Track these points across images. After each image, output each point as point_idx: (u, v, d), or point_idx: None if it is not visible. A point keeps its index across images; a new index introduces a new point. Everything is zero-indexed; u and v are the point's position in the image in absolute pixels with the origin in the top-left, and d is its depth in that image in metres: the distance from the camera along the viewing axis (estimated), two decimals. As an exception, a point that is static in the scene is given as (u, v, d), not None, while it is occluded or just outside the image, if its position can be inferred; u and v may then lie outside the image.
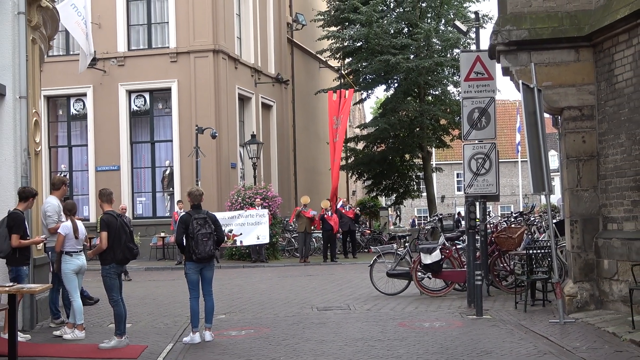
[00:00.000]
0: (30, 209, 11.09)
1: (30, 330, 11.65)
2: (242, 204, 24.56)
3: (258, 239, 23.88)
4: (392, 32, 32.30)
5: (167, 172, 27.68)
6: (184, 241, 10.75)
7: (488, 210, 16.03)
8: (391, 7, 33.85)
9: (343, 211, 27.19)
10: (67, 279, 11.27)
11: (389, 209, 43.84)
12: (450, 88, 33.68)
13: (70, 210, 11.72)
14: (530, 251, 13.81)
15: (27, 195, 10.88)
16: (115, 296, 10.64)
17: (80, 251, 11.48)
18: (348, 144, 35.57)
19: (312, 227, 25.93)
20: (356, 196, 42.57)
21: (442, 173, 46.89)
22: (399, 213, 48.11)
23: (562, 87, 12.45)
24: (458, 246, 15.62)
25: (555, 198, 24.50)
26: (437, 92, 34.00)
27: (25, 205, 10.85)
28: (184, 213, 11.07)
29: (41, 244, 11.83)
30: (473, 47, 16.15)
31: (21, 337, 10.44)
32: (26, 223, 10.91)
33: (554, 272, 12.20)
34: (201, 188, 13.81)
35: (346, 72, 34.92)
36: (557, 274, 12.14)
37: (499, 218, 26.29)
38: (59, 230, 11.28)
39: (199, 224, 10.84)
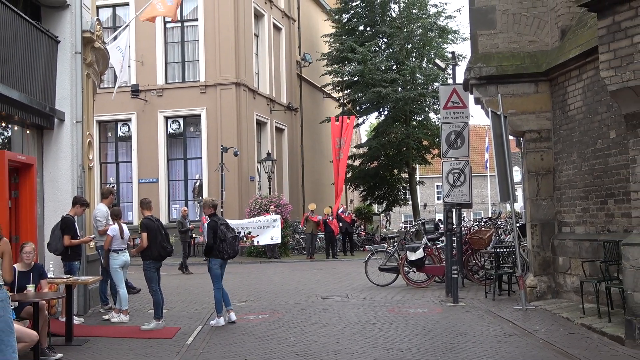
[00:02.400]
0: (80, 214, 11.08)
1: (83, 315, 11.64)
2: (259, 211, 24.57)
3: (272, 239, 23.85)
4: (383, 68, 32.36)
5: (197, 184, 27.69)
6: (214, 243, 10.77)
7: (463, 215, 15.99)
8: (382, 48, 33.86)
9: (342, 216, 27.20)
10: (114, 272, 11.29)
11: (381, 214, 43.78)
12: (432, 115, 33.68)
13: (117, 215, 11.77)
14: (498, 250, 13.80)
15: (75, 202, 10.90)
16: (154, 286, 10.65)
17: (125, 249, 11.51)
18: (347, 161, 35.58)
19: (317, 230, 25.97)
20: (353, 204, 42.50)
21: (424, 185, 46.67)
22: (388, 218, 48.04)
23: (524, 114, 12.44)
24: (438, 245, 15.58)
25: (518, 206, 24.42)
26: (420, 118, 34.00)
27: (75, 211, 10.85)
28: (209, 220, 11.02)
29: (92, 243, 11.83)
30: (450, 81, 16.19)
31: (76, 320, 10.46)
32: (76, 226, 10.93)
33: (517, 267, 12.16)
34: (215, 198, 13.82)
35: (346, 101, 34.96)
36: (520, 269, 12.10)
37: (472, 222, 26.23)
38: (107, 232, 11.31)
39: (226, 228, 10.86)
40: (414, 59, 33.40)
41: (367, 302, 13.10)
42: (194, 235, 23.74)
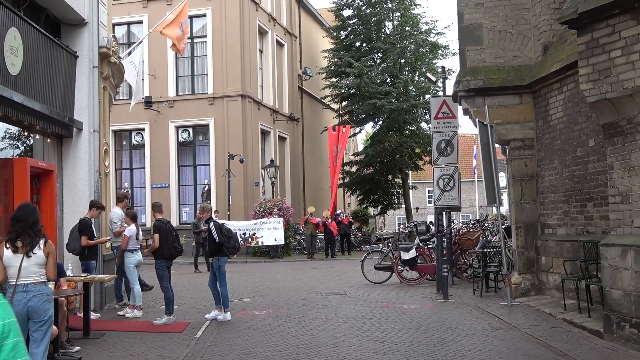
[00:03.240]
0: (96, 217, 11.09)
1: (100, 310, 11.64)
2: (263, 214, 24.56)
3: (275, 240, 23.97)
4: (378, 81, 32.37)
5: (206, 188, 27.67)
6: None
7: (452, 218, 15.99)
8: (377, 62, 33.93)
9: (340, 219, 27.25)
10: (128, 270, 11.29)
11: (376, 217, 43.76)
12: (423, 124, 33.71)
13: (132, 218, 11.76)
14: (485, 250, 13.80)
15: (92, 205, 10.90)
16: (165, 284, 10.64)
17: (138, 249, 11.51)
18: (345, 168, 35.61)
19: (317, 231, 25.97)
20: (350, 207, 42.46)
21: (416, 190, 46.67)
22: (383, 220, 48.01)
23: (509, 124, 12.46)
24: (429, 246, 15.59)
25: (504, 209, 24.44)
26: (413, 128, 34.02)
27: (92, 213, 10.86)
28: (213, 222, 11.03)
29: (108, 244, 11.83)
30: (440, 93, 16.18)
31: (93, 315, 10.45)
32: (93, 227, 10.93)
33: (503, 266, 12.16)
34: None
35: (343, 112, 34.99)
36: (505, 268, 12.10)
37: (461, 224, 26.25)
38: (124, 233, 11.30)
39: (226, 229, 10.92)
40: (406, 73, 33.48)
41: (363, 298, 13.09)
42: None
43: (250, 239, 23.73)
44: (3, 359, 2.41)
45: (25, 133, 10.52)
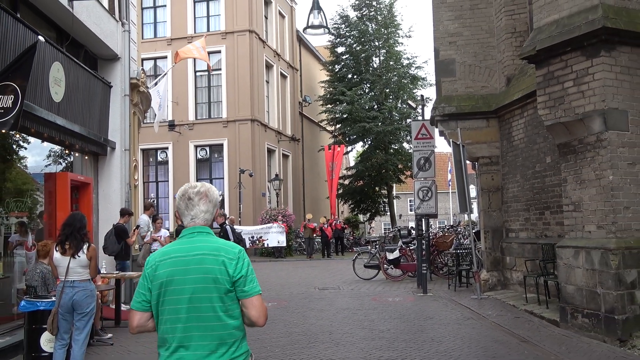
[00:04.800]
0: (127, 222, 11.07)
1: (129, 303, 11.54)
2: (269, 220, 24.52)
3: (279, 242, 23.95)
4: (367, 108, 32.41)
5: (220, 199, 27.62)
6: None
7: (430, 224, 15.97)
8: (366, 91, 33.95)
9: (334, 224, 27.19)
10: None
11: (365, 223, 43.67)
12: (405, 144, 33.69)
13: (161, 223, 11.76)
14: (458, 251, 13.81)
15: (124, 213, 10.87)
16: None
17: None
18: (338, 181, 35.59)
19: (314, 235, 25.91)
20: (343, 214, 42.37)
21: (399, 199, 46.63)
22: (372, 226, 47.89)
23: (478, 144, 12.49)
24: (410, 247, 15.56)
25: (474, 216, 24.40)
26: (396, 147, 34.01)
27: (123, 220, 10.83)
28: (227, 226, 11.01)
29: (137, 245, 11.75)
30: (420, 118, 16.19)
31: (123, 307, 10.37)
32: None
33: (473, 264, 12.15)
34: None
35: (337, 134, 35.02)
36: (475, 266, 12.10)
37: (437, 229, 26.21)
38: (160, 235, 11.32)
39: (236, 231, 10.91)
40: (391, 100, 33.53)
41: (354, 292, 13.04)
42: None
43: (257, 242, 23.70)
44: None
45: (67, 151, 10.52)
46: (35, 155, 9.50)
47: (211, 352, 2.63)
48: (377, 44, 34.01)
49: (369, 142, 33.77)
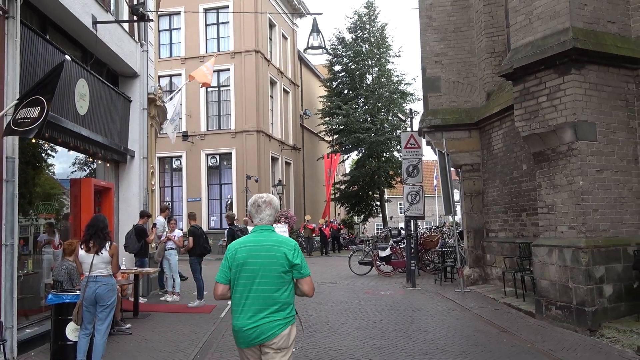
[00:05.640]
0: (145, 223, 11.05)
1: (146, 296, 11.55)
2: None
3: (282, 241, 23.86)
4: (361, 120, 32.43)
5: (229, 202, 27.56)
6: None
7: (418, 225, 15.97)
8: (360, 105, 33.95)
9: (331, 224, 27.16)
10: (173, 265, 11.25)
11: (360, 223, 43.64)
12: (395, 153, 33.68)
13: (176, 224, 11.73)
14: (443, 249, 13.78)
15: (142, 215, 10.86)
16: (197, 275, 10.59)
17: (177, 249, 11.45)
18: (336, 186, 35.59)
19: (313, 234, 25.86)
20: (340, 216, 42.35)
21: (390, 203, 46.68)
22: (365, 226, 47.84)
23: (461, 153, 12.50)
24: (400, 246, 15.56)
25: (458, 217, 24.41)
26: (387, 155, 33.99)
27: (143, 221, 10.81)
28: (229, 228, 10.98)
29: (154, 244, 11.72)
30: (409, 129, 16.12)
31: (141, 299, 10.37)
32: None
33: (457, 261, 12.14)
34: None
35: (334, 143, 35.03)
36: (459, 263, 12.08)
37: (425, 229, 26.19)
38: (174, 234, 11.31)
39: (242, 233, 10.86)
40: (383, 113, 33.54)
41: (350, 286, 13.02)
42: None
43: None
44: None
45: (90, 159, 10.50)
46: (62, 162, 9.48)
47: (270, 313, 3.40)
48: (370, 62, 34.07)
49: (363, 151, 33.78)
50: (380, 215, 36.73)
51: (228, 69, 27.69)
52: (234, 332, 3.51)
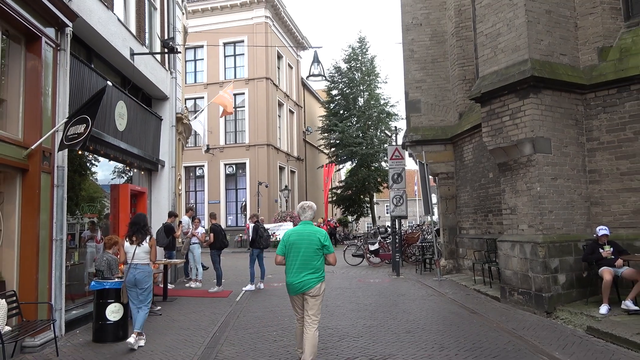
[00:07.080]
0: (173, 222, 11.02)
1: (174, 282, 11.48)
2: (280, 220, 24.47)
3: (288, 237, 23.77)
4: (354, 136, 32.43)
5: (243, 204, 27.53)
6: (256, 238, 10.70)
7: (402, 223, 15.92)
8: (353, 123, 33.94)
9: (329, 223, 27.06)
10: (197, 256, 11.20)
11: (353, 222, 43.53)
12: (383, 163, 33.63)
13: (199, 222, 11.69)
14: (423, 244, 13.73)
15: (171, 214, 10.82)
16: (217, 265, 10.56)
17: (200, 243, 11.41)
18: (333, 190, 35.53)
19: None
20: (336, 216, 42.24)
21: (378, 205, 46.59)
22: (357, 224, 47.67)
23: (438, 163, 12.50)
24: (387, 241, 15.51)
25: (435, 217, 24.37)
26: (376, 165, 33.90)
27: (171, 220, 10.78)
28: (254, 225, 10.93)
29: (180, 239, 11.67)
30: (394, 143, 16.09)
31: (170, 286, 10.32)
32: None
33: (435, 254, 12.09)
34: (259, 213, 13.72)
35: (332, 155, 35.02)
36: (437, 255, 12.03)
37: (407, 227, 26.11)
38: (198, 231, 11.26)
39: (264, 230, 10.82)
40: (372, 130, 33.49)
41: (344, 275, 12.96)
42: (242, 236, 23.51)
43: (271, 236, 23.55)
44: None
45: (127, 168, 10.49)
46: (104, 170, 9.46)
47: (309, 273, 4.67)
48: (361, 88, 34.08)
49: (356, 162, 33.73)
50: (370, 215, 36.63)
51: (243, 93, 27.75)
52: (287, 285, 4.72)
